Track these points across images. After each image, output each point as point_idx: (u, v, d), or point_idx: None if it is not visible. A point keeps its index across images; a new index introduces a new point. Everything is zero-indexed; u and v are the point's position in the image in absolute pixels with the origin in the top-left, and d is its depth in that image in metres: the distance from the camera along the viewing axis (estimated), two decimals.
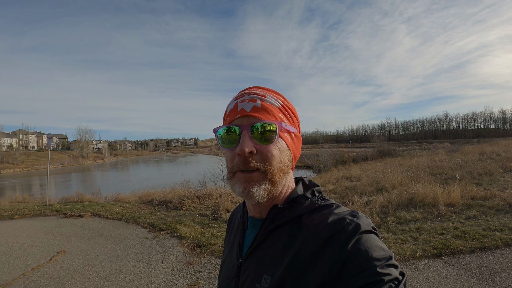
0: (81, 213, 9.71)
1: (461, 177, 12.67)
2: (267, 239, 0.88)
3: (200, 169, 38.26)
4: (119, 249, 6.44)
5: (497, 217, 7.01)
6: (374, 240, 0.75)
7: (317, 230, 0.78)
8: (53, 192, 20.44)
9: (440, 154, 26.45)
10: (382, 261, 0.70)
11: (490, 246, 5.48)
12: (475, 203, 8.19)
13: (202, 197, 10.93)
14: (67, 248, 6.57)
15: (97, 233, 7.62)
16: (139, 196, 13.45)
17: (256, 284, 0.83)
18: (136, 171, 62.34)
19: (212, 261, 5.62)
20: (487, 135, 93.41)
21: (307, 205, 0.87)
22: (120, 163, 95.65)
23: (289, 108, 0.93)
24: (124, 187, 23.79)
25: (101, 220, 8.93)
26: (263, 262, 0.85)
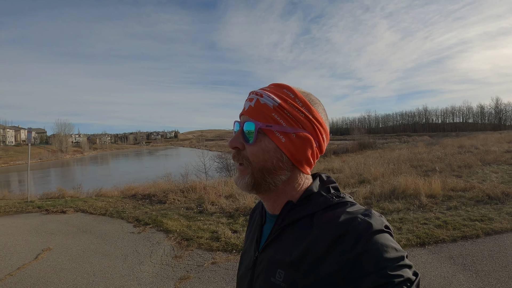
0: (64, 209, 9.50)
1: (441, 169, 12.96)
2: (281, 235, 0.88)
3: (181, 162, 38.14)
4: (106, 244, 6.34)
5: (477, 207, 7.24)
6: (385, 240, 0.73)
7: (328, 229, 0.78)
8: (33, 188, 20.00)
9: (420, 147, 26.82)
10: (394, 261, 0.70)
11: (471, 235, 5.68)
12: (455, 194, 8.43)
13: (186, 190, 10.84)
14: (52, 245, 6.43)
15: (82, 229, 7.49)
16: (121, 191, 13.25)
17: (270, 278, 0.84)
18: (116, 165, 61.73)
19: (201, 254, 5.61)
20: (465, 129, 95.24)
21: (321, 203, 0.86)
22: (99, 157, 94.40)
23: (292, 107, 0.87)
24: (105, 182, 23.44)
25: (85, 216, 8.76)
26: (277, 257, 0.86)
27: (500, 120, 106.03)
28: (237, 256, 5.34)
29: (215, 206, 8.62)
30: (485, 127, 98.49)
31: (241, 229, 6.65)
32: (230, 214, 7.85)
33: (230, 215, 7.74)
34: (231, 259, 5.32)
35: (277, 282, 0.82)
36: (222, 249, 5.71)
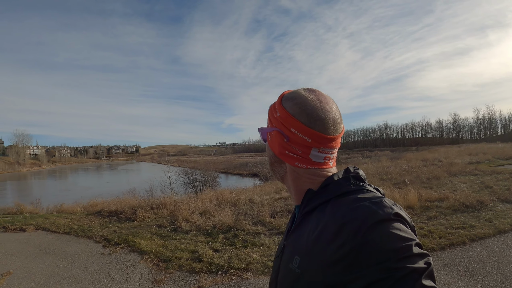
0: (23, 226, 8.72)
1: (410, 181, 13.26)
2: (302, 223, 0.90)
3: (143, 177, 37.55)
4: (73, 268, 5.66)
5: (456, 216, 7.55)
6: (392, 229, 0.70)
7: (336, 216, 0.78)
8: None
9: (384, 161, 27.37)
10: (398, 252, 0.67)
11: (458, 242, 5.90)
12: (432, 205, 8.66)
13: (156, 207, 10.29)
14: (12, 269, 5.70)
15: (45, 249, 6.77)
16: (84, 207, 12.55)
17: (289, 264, 0.86)
18: (76, 179, 59.76)
19: (183, 276, 5.09)
20: (425, 143, 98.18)
21: (336, 190, 0.86)
22: (58, 170, 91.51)
23: (271, 111, 1.00)
24: (66, 197, 22.48)
25: (47, 234, 8.02)
26: (296, 244, 0.88)
27: (458, 134, 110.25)
28: (224, 278, 4.91)
29: (190, 223, 8.13)
30: (443, 141, 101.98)
31: (222, 248, 6.21)
32: (208, 231, 7.38)
33: (207, 233, 7.27)
34: (218, 281, 4.84)
35: (293, 268, 0.83)
36: (207, 271, 5.21)
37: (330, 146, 0.91)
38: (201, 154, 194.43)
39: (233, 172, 49.94)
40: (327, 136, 0.89)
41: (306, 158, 0.91)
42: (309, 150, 0.91)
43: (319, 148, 0.90)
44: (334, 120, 0.90)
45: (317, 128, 0.88)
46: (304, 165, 0.92)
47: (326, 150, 0.91)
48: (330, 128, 0.89)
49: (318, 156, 0.91)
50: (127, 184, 26.94)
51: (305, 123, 0.89)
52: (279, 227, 7.34)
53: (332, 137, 0.90)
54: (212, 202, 10.60)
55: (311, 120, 0.89)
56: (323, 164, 0.92)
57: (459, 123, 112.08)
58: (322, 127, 0.89)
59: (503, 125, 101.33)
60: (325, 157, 0.92)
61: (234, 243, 6.44)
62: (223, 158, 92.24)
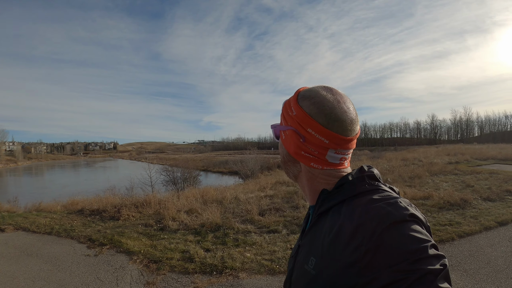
0: (1, 226, 8.36)
1: (393, 180, 13.47)
2: (316, 224, 0.90)
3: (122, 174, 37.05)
4: (58, 271, 5.37)
5: (442, 213, 7.79)
6: (407, 231, 0.70)
7: (351, 216, 0.78)
8: None
9: (365, 160, 27.64)
10: (414, 254, 0.66)
11: (447, 239, 6.09)
12: (417, 203, 8.86)
13: (140, 205, 10.05)
14: None
15: (26, 251, 6.46)
16: (64, 205, 12.19)
17: (304, 265, 0.86)
18: (53, 176, 58.34)
19: (176, 278, 4.91)
20: (403, 143, 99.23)
21: (351, 190, 0.86)
22: (34, 167, 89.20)
23: (285, 109, 0.98)
24: (43, 195, 22.01)
25: (27, 235, 7.69)
26: (312, 245, 0.87)
27: (436, 135, 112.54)
28: (220, 279, 4.79)
29: (177, 222, 7.95)
30: (421, 142, 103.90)
31: (213, 247, 6.08)
32: (196, 230, 7.23)
33: (196, 232, 7.12)
34: (214, 282, 4.70)
35: (308, 269, 0.84)
36: (200, 271, 5.07)
37: (346, 147, 0.90)
38: (180, 152, 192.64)
39: (213, 170, 49.69)
40: (345, 138, 0.88)
41: (322, 159, 0.91)
42: (325, 151, 0.90)
43: (336, 149, 0.89)
44: (352, 120, 0.89)
45: (335, 129, 0.87)
46: (320, 166, 0.92)
47: (342, 151, 0.90)
48: (348, 129, 0.88)
49: (334, 157, 0.91)
50: (106, 181, 26.54)
51: (323, 124, 0.88)
52: (269, 225, 7.29)
53: (350, 138, 0.89)
54: (198, 200, 10.47)
55: (329, 121, 0.87)
56: (338, 165, 0.92)
57: (436, 124, 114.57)
58: (340, 128, 0.87)
59: (480, 127, 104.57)
60: (341, 158, 0.92)
61: (225, 242, 6.34)
62: (202, 156, 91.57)
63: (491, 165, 18.86)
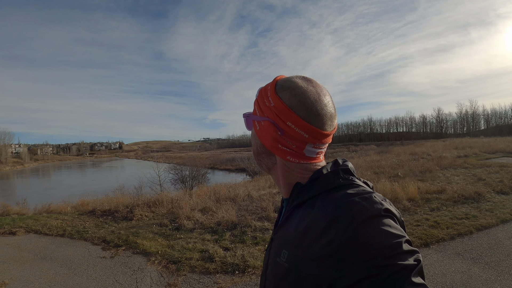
0: (13, 229, 8.24)
1: (403, 174, 13.40)
2: (290, 217, 0.89)
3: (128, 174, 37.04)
4: (75, 274, 5.22)
5: (457, 207, 7.76)
6: (381, 226, 0.70)
7: (325, 211, 0.77)
8: None
9: (372, 155, 27.72)
10: (388, 249, 0.66)
11: (466, 232, 6.08)
12: (432, 197, 8.84)
13: (152, 204, 9.98)
14: (7, 278, 5.22)
15: (39, 254, 6.32)
16: (74, 206, 12.11)
17: (277, 258, 0.86)
18: (60, 177, 58.41)
19: (198, 278, 4.78)
20: (409, 138, 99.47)
21: (325, 184, 0.85)
22: (41, 168, 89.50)
23: (261, 97, 0.93)
24: (52, 196, 22.13)
25: (39, 238, 7.56)
26: (284, 238, 0.87)
27: (442, 129, 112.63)
28: (243, 278, 4.66)
29: (192, 221, 7.84)
30: (427, 136, 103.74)
31: (232, 246, 5.96)
32: (213, 229, 7.12)
33: (213, 231, 7.01)
34: (237, 281, 4.57)
35: (281, 262, 0.84)
36: (222, 271, 4.94)
37: (325, 141, 0.90)
38: (186, 150, 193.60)
39: (220, 167, 49.59)
40: (324, 132, 0.87)
41: (300, 153, 0.89)
42: (304, 146, 0.88)
43: (314, 143, 0.88)
44: (331, 115, 0.88)
45: (316, 124, 0.86)
46: (297, 159, 0.90)
47: (320, 145, 0.90)
48: (327, 123, 0.87)
49: (312, 151, 0.90)
50: (114, 181, 26.57)
51: (304, 117, 0.86)
52: None
53: (328, 132, 0.89)
54: (211, 198, 10.39)
55: (310, 115, 0.86)
56: (314, 158, 0.91)
57: (442, 118, 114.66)
58: (320, 123, 0.86)
59: (486, 120, 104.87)
60: (318, 152, 0.91)
61: (244, 240, 6.24)
62: (208, 154, 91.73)
63: (500, 158, 18.78)
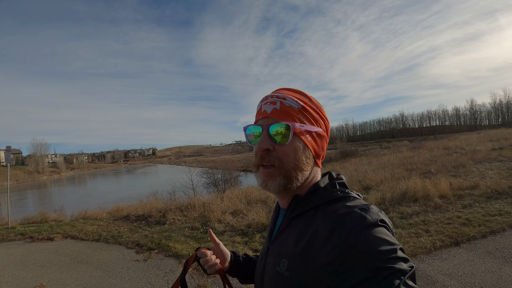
0: (51, 235, 8.63)
1: (436, 170, 13.01)
2: (288, 227, 0.95)
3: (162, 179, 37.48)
4: (109, 277, 5.44)
5: (490, 203, 7.45)
6: (378, 234, 0.75)
7: (327, 221, 0.82)
8: (12, 212, 18.86)
9: (405, 151, 27.06)
10: (385, 254, 0.71)
11: (498, 229, 5.85)
12: (464, 193, 8.55)
13: (184, 209, 10.18)
14: (45, 281, 5.49)
15: (76, 258, 6.60)
16: (109, 212, 12.51)
17: (276, 267, 0.91)
18: (95, 184, 59.79)
19: None
20: (442, 131, 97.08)
21: (325, 196, 0.91)
22: (77, 177, 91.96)
23: (311, 108, 0.97)
24: (88, 203, 22.56)
25: (76, 243, 7.89)
26: (283, 247, 0.92)
27: (476, 121, 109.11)
28: None
29: (223, 224, 8.00)
30: (461, 129, 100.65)
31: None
32: (243, 231, 7.22)
33: (243, 233, 7.11)
34: None
35: (281, 271, 0.88)
36: None
37: None
38: (218, 153, 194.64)
39: (252, 169, 49.68)
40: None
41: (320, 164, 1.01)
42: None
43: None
44: None
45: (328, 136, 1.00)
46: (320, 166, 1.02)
47: None
48: None
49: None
50: (148, 187, 27.00)
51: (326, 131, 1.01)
52: None
53: None
54: (242, 201, 10.46)
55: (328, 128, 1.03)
56: None
57: (476, 109, 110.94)
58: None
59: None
60: None
61: None
62: (240, 156, 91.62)
63: None
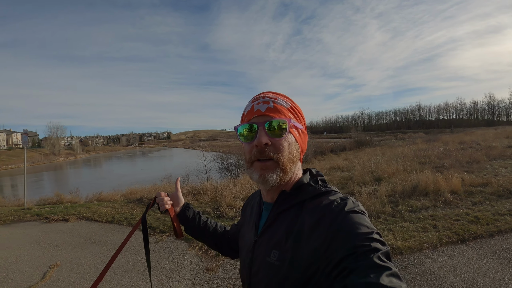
0: (66, 216, 8.91)
1: (449, 165, 12.83)
2: (277, 220, 1.03)
3: (176, 163, 37.74)
4: (121, 258, 5.62)
5: (501, 202, 7.31)
6: (358, 219, 0.86)
7: (313, 213, 0.93)
8: (28, 193, 19.38)
9: (420, 144, 26.68)
10: (363, 235, 0.81)
11: (506, 229, 5.75)
12: (476, 190, 8.44)
13: (196, 193, 10.37)
14: (59, 260, 5.74)
15: (90, 239, 6.86)
16: (123, 194, 12.72)
17: (266, 257, 0.98)
18: (111, 167, 60.82)
19: (235, 264, 5.05)
20: (459, 125, 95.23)
21: (310, 192, 1.02)
22: (93, 159, 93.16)
23: (296, 108, 1.08)
24: (102, 185, 23.03)
25: (90, 224, 8.16)
26: (272, 240, 1.00)
27: (494, 116, 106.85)
28: None
29: (234, 209, 8.13)
30: (479, 123, 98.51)
31: None
32: None
33: None
34: None
35: (271, 261, 0.96)
36: None
37: None
38: (232, 139, 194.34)
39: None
40: None
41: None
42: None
43: None
44: None
45: None
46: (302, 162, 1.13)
47: None
48: None
49: None
50: (162, 170, 27.18)
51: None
52: None
53: None
54: (253, 187, 10.52)
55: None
56: None
57: (494, 104, 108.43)
58: None
59: None
60: None
61: None
62: None
63: None
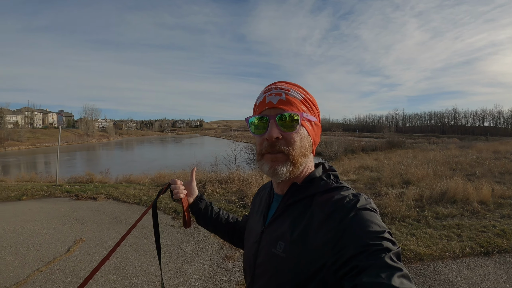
0: (94, 195, 9.26)
1: (481, 174, 12.41)
2: (285, 212, 1.01)
3: (207, 151, 38.13)
4: (144, 238, 5.82)
5: None
6: (370, 217, 0.84)
7: (324, 207, 0.91)
8: (60, 171, 20.14)
9: (453, 150, 26.00)
10: (375, 233, 0.79)
11: None
12: (505, 202, 8.07)
13: (224, 182, 10.49)
14: (85, 236, 6.00)
15: (115, 218, 7.11)
16: (152, 178, 13.08)
17: (272, 248, 0.97)
18: (142, 151, 62.18)
19: None
20: (495, 133, 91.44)
21: (321, 186, 0.99)
22: (125, 142, 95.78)
23: (310, 100, 1.05)
24: (133, 167, 23.60)
25: (117, 204, 8.44)
26: (280, 231, 0.98)
27: None
28: None
29: None
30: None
31: None
32: None
33: None
34: None
35: (277, 252, 0.94)
36: None
37: None
38: None
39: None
40: None
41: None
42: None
43: None
44: None
45: None
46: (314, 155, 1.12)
47: None
48: None
49: None
50: (192, 157, 27.51)
51: None
52: None
53: None
54: None
55: None
56: None
57: None
58: None
59: None
60: None
61: None
62: None
63: None
